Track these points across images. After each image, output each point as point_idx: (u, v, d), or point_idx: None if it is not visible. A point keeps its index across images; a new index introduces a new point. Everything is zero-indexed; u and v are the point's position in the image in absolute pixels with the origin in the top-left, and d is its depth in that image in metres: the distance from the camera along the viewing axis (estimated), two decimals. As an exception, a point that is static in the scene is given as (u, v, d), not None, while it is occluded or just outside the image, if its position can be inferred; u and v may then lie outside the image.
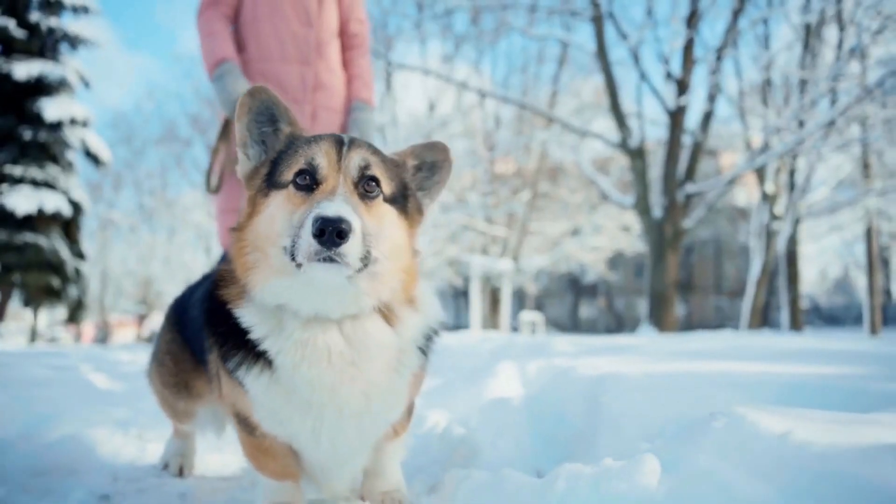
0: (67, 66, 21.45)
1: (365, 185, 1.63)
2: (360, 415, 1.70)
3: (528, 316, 22.88)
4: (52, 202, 20.21)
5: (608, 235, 26.03)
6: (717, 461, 1.11)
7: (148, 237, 39.01)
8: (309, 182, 1.62)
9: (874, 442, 0.98)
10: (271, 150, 1.78)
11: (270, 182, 1.70)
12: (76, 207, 21.40)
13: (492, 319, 24.03)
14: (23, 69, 20.13)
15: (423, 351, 1.80)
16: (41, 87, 20.64)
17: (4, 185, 20.15)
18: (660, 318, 16.92)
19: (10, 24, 20.40)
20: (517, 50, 29.52)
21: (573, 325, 41.12)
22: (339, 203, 1.52)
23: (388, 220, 1.66)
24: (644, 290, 22.45)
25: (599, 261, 27.41)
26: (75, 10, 21.72)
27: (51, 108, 20.36)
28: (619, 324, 37.71)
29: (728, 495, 1.05)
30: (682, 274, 40.71)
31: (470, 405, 2.62)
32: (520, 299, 37.25)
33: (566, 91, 26.98)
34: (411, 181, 1.81)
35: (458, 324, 35.04)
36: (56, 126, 20.76)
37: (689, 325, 36.89)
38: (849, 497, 0.89)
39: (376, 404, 1.71)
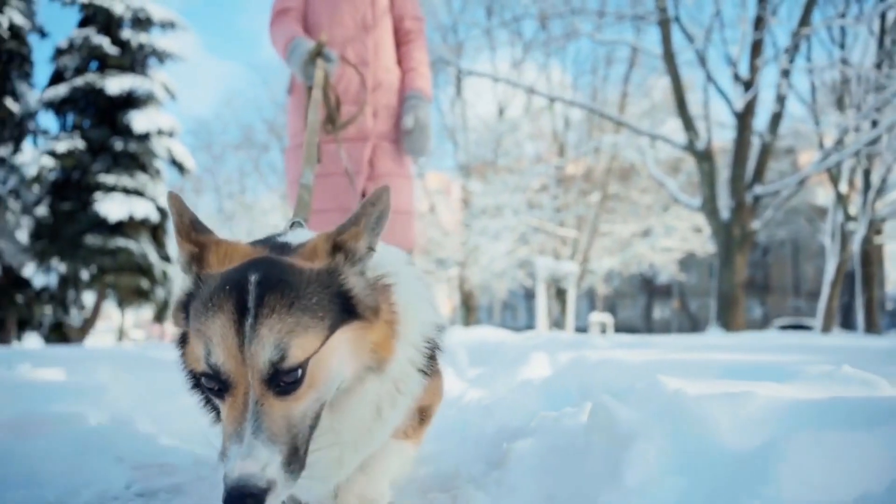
0: (155, 79, 23.13)
1: (283, 380, 1.28)
2: (332, 470, 1.55)
3: (598, 317, 23.38)
4: (142, 209, 21.84)
5: (679, 236, 26.23)
6: (634, 409, 1.86)
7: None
8: (216, 387, 1.31)
9: (722, 392, 1.73)
10: (186, 286, 1.47)
11: (185, 348, 1.45)
12: (163, 213, 23.00)
13: (563, 320, 24.55)
14: (115, 84, 21.84)
15: (424, 370, 1.59)
16: (131, 100, 22.33)
17: (98, 193, 21.87)
18: (728, 319, 17.25)
19: (105, 42, 22.18)
20: (586, 52, 29.80)
21: (646, 326, 41.12)
22: (245, 453, 1.22)
23: (330, 365, 1.35)
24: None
25: (671, 262, 27.61)
26: (163, 26, 23.42)
27: (140, 121, 22.02)
28: (694, 325, 37.61)
29: (632, 428, 1.78)
30: (758, 274, 40.28)
31: (505, 386, 3.41)
32: (590, 301, 37.56)
33: (637, 92, 27.27)
34: (356, 276, 1.44)
35: (529, 324, 35.61)
36: (145, 137, 22.43)
37: (766, 326, 36.51)
38: (691, 420, 1.65)
39: (352, 456, 1.57)
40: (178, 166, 23.97)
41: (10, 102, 22.33)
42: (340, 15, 4.13)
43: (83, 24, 22.99)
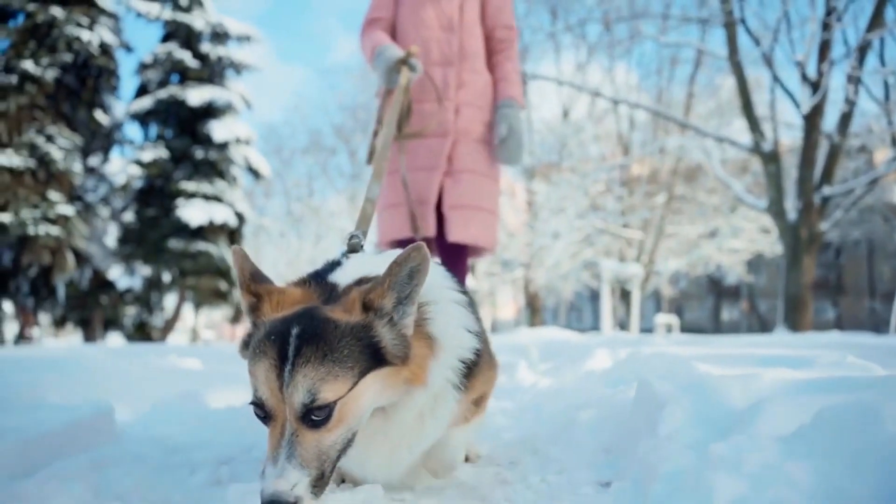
0: (233, 90, 24.35)
1: (314, 415, 1.54)
2: (390, 465, 1.86)
3: (664, 318, 23.60)
4: (221, 214, 23.06)
5: (747, 237, 26.17)
6: (670, 384, 2.45)
7: (295, 242, 42.04)
8: (262, 414, 1.60)
9: (739, 373, 2.32)
10: (248, 328, 1.79)
11: None
12: (240, 218, 24.21)
13: (628, 322, 24.82)
14: (196, 95, 23.10)
15: (459, 386, 1.82)
16: (211, 110, 23.58)
17: (180, 200, 23.18)
18: (795, 321, 17.36)
19: (186, 56, 23.50)
20: (651, 53, 29.91)
21: (714, 328, 40.84)
22: (278, 474, 1.51)
23: (359, 404, 1.61)
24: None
25: (738, 263, 27.54)
26: (239, 39, 24.64)
27: (219, 130, 23.26)
28: (763, 327, 37.21)
29: (666, 396, 2.38)
30: (830, 276, 39.57)
31: (572, 375, 4.01)
32: (657, 302, 37.56)
33: (703, 91, 27.28)
34: (386, 328, 1.64)
35: (595, 326, 35.86)
36: (223, 145, 23.66)
37: (838, 328, 35.92)
38: (710, 391, 2.24)
39: (405, 453, 1.86)
40: (254, 172, 25.16)
41: (99, 115, 23.88)
42: (426, 17, 4.26)
43: (165, 39, 24.38)
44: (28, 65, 21.98)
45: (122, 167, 23.66)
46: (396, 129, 3.75)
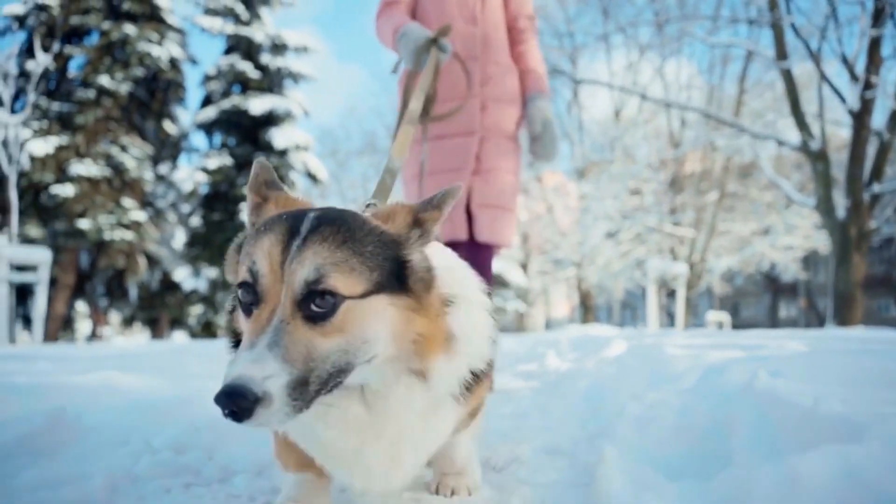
0: (291, 98, 25.68)
1: (315, 303, 1.27)
2: (391, 469, 1.53)
3: (715, 316, 24.03)
4: (282, 217, 24.41)
5: (802, 234, 26.32)
6: (638, 358, 3.36)
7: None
8: (250, 299, 1.32)
9: (694, 352, 3.22)
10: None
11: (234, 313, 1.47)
12: (300, 221, 25.56)
13: (685, 319, 25.30)
14: (257, 104, 24.49)
15: (459, 398, 1.55)
16: (271, 118, 24.95)
17: (243, 205, 24.51)
18: (845, 318, 17.72)
19: (248, 67, 24.92)
20: (702, 51, 30.17)
21: (771, 325, 40.75)
22: (252, 358, 1.20)
23: (366, 322, 1.32)
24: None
25: (793, 260, 27.70)
26: (297, 50, 25.98)
27: (279, 137, 24.64)
28: (821, 324, 37.10)
29: (634, 364, 3.28)
30: (889, 271, 39.11)
31: (591, 361, 4.90)
32: (710, 299, 37.75)
33: (755, 88, 27.46)
34: (412, 245, 1.42)
35: (643, 323, 36.23)
36: (283, 152, 25.01)
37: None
38: (662, 361, 3.15)
39: (408, 455, 1.54)
40: (312, 177, 26.46)
41: (168, 125, 25.53)
42: (448, 8, 4.15)
43: (228, 51, 25.87)
44: (104, 80, 23.69)
45: (189, 174, 25.22)
46: (422, 114, 3.59)
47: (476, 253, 4.28)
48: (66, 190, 22.98)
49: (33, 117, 22.88)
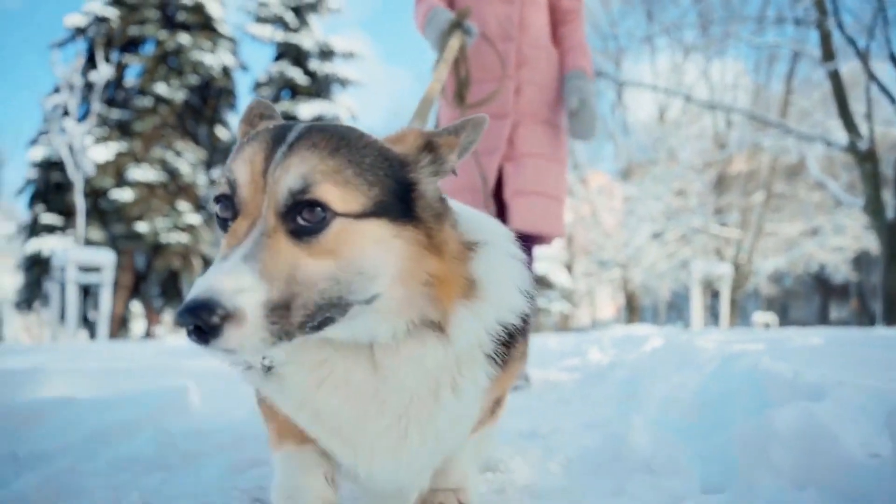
0: (339, 103, 26.38)
1: (302, 216, 1.10)
2: (397, 451, 1.31)
3: (762, 317, 24.06)
4: (331, 220, 25.13)
5: (851, 235, 26.11)
6: (672, 352, 3.77)
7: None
8: (228, 214, 1.16)
9: (721, 345, 3.63)
10: None
11: None
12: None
13: (731, 320, 25.32)
14: (306, 110, 25.25)
15: (495, 358, 1.35)
16: (320, 123, 25.69)
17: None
18: (893, 318, 17.70)
19: (297, 73, 25.70)
20: (747, 50, 30.02)
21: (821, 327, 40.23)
22: (224, 270, 1.03)
23: (363, 248, 1.13)
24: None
25: (843, 261, 27.49)
26: (344, 56, 26.69)
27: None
28: (873, 325, 36.60)
29: (666, 358, 3.70)
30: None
31: (630, 355, 5.31)
32: (758, 300, 37.50)
33: (803, 86, 27.30)
34: (432, 183, 1.26)
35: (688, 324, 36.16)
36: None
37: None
38: (692, 352, 3.57)
39: (417, 439, 1.31)
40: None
41: (220, 131, 26.41)
42: None
43: (278, 58, 26.66)
44: (160, 88, 24.67)
45: (241, 179, 26.07)
46: (458, 98, 3.56)
47: None
48: (124, 194, 23.99)
49: (95, 125, 23.93)
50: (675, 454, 1.95)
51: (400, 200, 1.19)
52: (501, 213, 4.08)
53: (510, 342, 1.37)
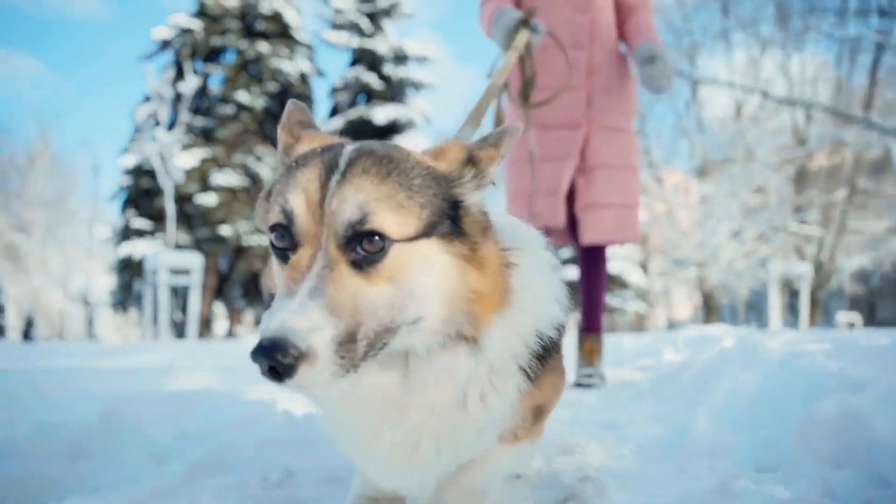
0: (413, 107, 26.91)
1: (362, 246, 1.12)
2: (408, 460, 1.33)
3: (846, 317, 23.54)
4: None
5: (942, 231, 25.29)
6: (742, 351, 3.99)
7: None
8: (285, 244, 1.17)
9: (785, 344, 3.86)
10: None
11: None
12: (422, 224, 26.81)
13: (808, 319, 24.83)
14: (381, 114, 25.86)
15: (527, 370, 1.37)
16: (395, 127, 26.25)
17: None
18: None
19: (372, 78, 26.34)
20: (828, 42, 29.23)
21: (911, 327, 38.85)
22: (293, 308, 1.05)
23: (416, 271, 1.16)
24: None
25: (932, 259, 26.60)
26: (418, 60, 27.23)
27: (402, 145, 25.94)
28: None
29: (736, 356, 3.93)
30: None
31: (702, 355, 5.52)
32: (842, 299, 36.42)
33: (890, 77, 26.51)
34: (476, 196, 1.28)
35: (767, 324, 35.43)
36: (413, 156, 26.31)
37: None
38: (759, 352, 3.80)
39: (432, 450, 1.33)
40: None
41: (298, 136, 27.26)
42: None
43: (353, 63, 27.35)
44: (241, 96, 25.66)
45: (319, 183, 26.88)
46: (522, 98, 3.53)
47: (586, 254, 4.39)
48: (208, 199, 25.04)
49: (182, 133, 25.08)
50: (732, 441, 2.25)
51: (447, 218, 1.22)
52: (572, 222, 4.21)
53: (548, 352, 1.41)
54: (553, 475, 2.07)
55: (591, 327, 4.50)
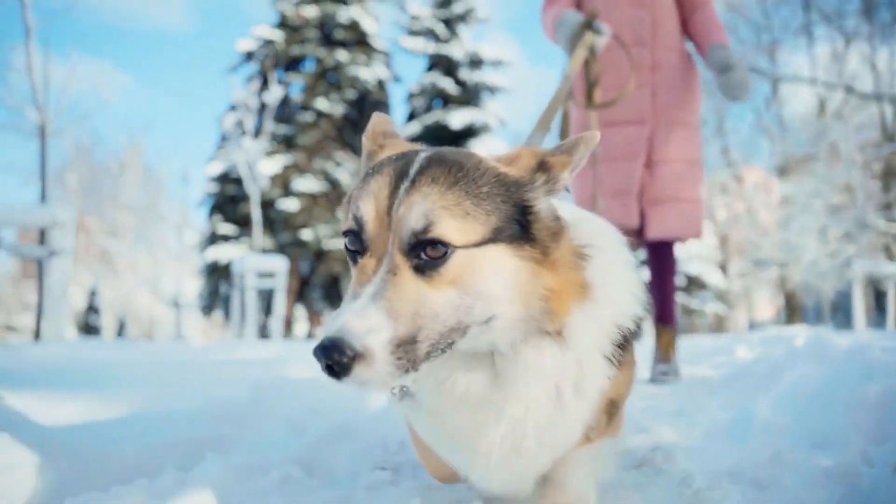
0: (488, 111, 27.31)
1: (425, 252, 1.18)
2: (510, 457, 1.38)
3: (937, 318, 22.75)
4: (481, 224, 26.08)
5: None
6: (810, 347, 4.22)
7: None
8: (357, 246, 1.25)
9: (850, 342, 4.09)
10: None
11: None
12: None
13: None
14: (457, 118, 26.35)
15: (612, 360, 1.41)
16: (470, 131, 26.70)
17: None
18: None
19: (448, 83, 26.87)
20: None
21: None
22: (354, 310, 1.13)
23: (482, 274, 1.20)
24: None
25: None
26: (493, 63, 27.63)
27: (478, 149, 26.27)
28: None
29: (806, 353, 4.17)
30: None
31: (776, 351, 5.72)
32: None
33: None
34: (546, 202, 1.30)
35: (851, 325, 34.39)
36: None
37: None
38: (828, 348, 4.03)
39: (534, 444, 1.37)
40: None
41: (376, 141, 27.99)
42: None
43: (429, 69, 27.92)
44: (321, 103, 26.54)
45: (396, 187, 27.52)
46: (587, 98, 3.60)
47: (654, 248, 4.48)
48: (290, 204, 25.97)
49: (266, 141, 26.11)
50: (790, 422, 2.55)
51: (516, 223, 1.25)
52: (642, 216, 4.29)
53: (624, 345, 1.44)
54: (629, 448, 2.42)
55: (665, 319, 4.64)
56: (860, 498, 1.76)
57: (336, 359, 1.08)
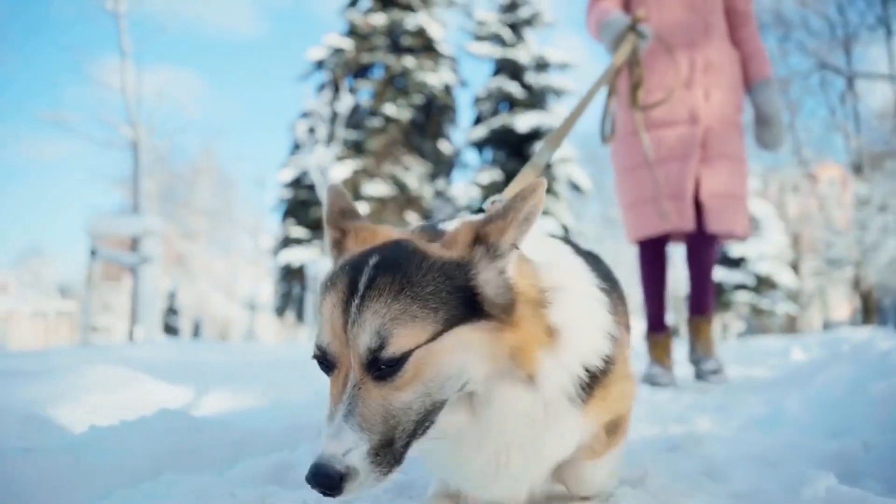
0: (554, 114, 27.56)
1: (382, 364, 1.24)
2: (497, 478, 1.47)
3: None
4: (548, 227, 26.26)
5: None
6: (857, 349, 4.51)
7: (611, 245, 44.02)
8: (326, 370, 1.34)
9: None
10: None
11: None
12: (564, 229, 27.31)
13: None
14: (523, 121, 26.66)
15: (577, 399, 1.45)
16: (537, 134, 26.98)
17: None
18: None
19: (514, 87, 27.22)
20: None
21: None
22: (332, 433, 1.23)
23: (443, 361, 1.27)
24: None
25: None
26: (560, 67, 27.89)
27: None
28: None
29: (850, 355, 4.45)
30: None
31: (828, 354, 5.97)
32: None
33: None
34: (492, 273, 1.33)
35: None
36: (548, 165, 26.83)
37: None
38: (870, 349, 4.33)
39: (516, 461, 1.46)
40: (576, 187, 28.16)
41: (443, 145, 28.58)
42: None
43: (495, 73, 28.32)
44: (389, 108, 27.25)
45: (463, 189, 27.99)
46: (631, 101, 3.70)
47: (698, 243, 4.49)
48: (360, 208, 26.59)
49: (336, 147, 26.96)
50: (814, 415, 2.93)
51: (465, 306, 1.29)
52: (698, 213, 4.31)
53: (599, 378, 1.49)
54: (666, 435, 2.83)
55: (697, 309, 4.64)
56: (854, 476, 2.14)
57: (326, 483, 1.20)
